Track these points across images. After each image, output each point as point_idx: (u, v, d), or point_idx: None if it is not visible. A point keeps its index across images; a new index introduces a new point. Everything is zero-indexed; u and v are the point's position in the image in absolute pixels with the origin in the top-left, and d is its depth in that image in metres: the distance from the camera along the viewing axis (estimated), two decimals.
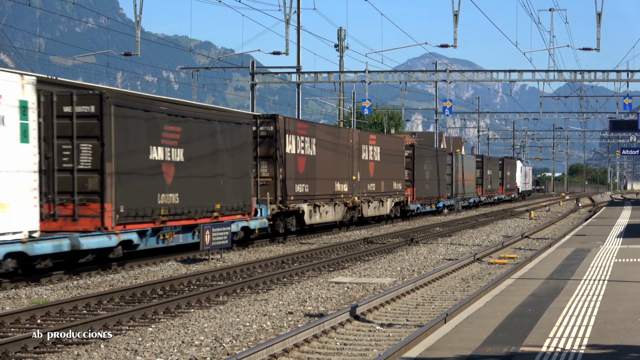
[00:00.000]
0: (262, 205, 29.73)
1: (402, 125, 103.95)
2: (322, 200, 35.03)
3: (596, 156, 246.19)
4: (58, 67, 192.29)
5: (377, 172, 42.06)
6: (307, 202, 33.58)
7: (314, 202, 34.34)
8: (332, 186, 36.42)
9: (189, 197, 24.63)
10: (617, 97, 59.20)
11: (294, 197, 32.37)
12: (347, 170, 38.24)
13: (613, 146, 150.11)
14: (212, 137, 26.00)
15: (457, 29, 35.22)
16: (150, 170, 22.81)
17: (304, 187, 33.32)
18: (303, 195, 33.24)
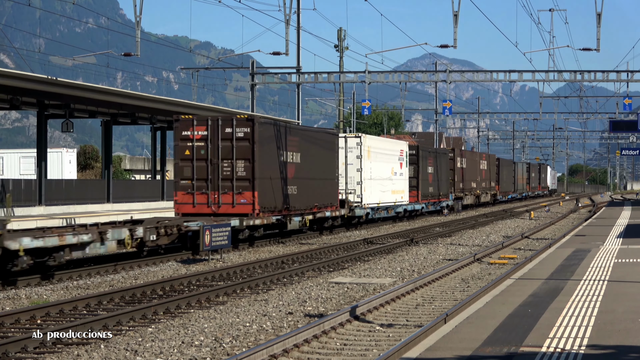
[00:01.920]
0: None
1: (402, 126, 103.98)
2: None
3: (596, 156, 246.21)
4: (58, 68, 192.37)
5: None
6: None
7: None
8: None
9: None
10: (617, 97, 59.21)
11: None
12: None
13: (613, 146, 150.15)
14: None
15: (457, 29, 35.21)
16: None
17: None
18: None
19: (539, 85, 50.64)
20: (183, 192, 29.52)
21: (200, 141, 29.23)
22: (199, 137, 29.21)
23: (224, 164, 29.19)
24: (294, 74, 47.22)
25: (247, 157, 29.03)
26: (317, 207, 34.55)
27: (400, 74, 50.83)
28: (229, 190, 29.21)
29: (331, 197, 36.18)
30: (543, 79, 47.95)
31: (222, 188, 29.19)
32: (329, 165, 36.05)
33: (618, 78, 47.45)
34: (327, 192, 35.78)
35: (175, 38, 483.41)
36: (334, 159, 36.66)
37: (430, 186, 52.57)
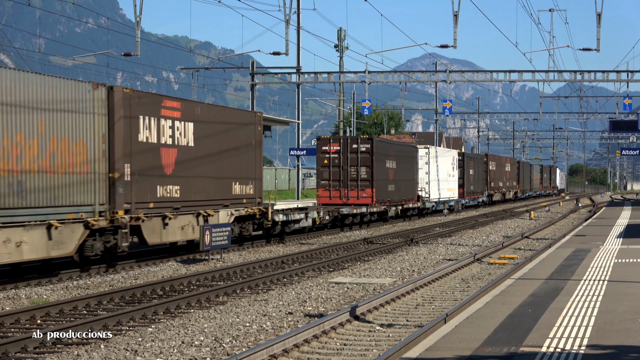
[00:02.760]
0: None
1: (402, 126, 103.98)
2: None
3: (596, 156, 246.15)
4: (58, 68, 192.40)
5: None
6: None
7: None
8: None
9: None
10: (617, 97, 59.20)
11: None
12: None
13: (613, 146, 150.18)
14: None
15: (457, 29, 35.21)
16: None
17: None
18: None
19: (539, 85, 50.66)
20: (322, 189, 41.53)
21: (335, 153, 41.45)
22: (334, 150, 41.45)
23: (351, 169, 41.43)
24: (294, 74, 47.22)
25: (368, 164, 41.49)
26: (404, 200, 46.98)
27: (400, 74, 50.83)
28: (354, 187, 41.44)
29: (412, 193, 48.89)
30: (543, 79, 47.95)
31: (350, 186, 41.40)
32: (411, 169, 48.69)
33: (618, 78, 47.45)
34: (410, 190, 48.37)
35: (175, 38, 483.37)
36: (414, 165, 49.58)
37: (472, 185, 65.19)
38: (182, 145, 25.11)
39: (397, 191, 45.52)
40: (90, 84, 21.26)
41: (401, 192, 46.27)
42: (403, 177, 46.71)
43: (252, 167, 29.92)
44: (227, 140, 28.06)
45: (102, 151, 21.49)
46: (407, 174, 47.78)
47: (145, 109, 23.28)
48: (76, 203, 20.46)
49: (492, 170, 73.87)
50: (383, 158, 43.10)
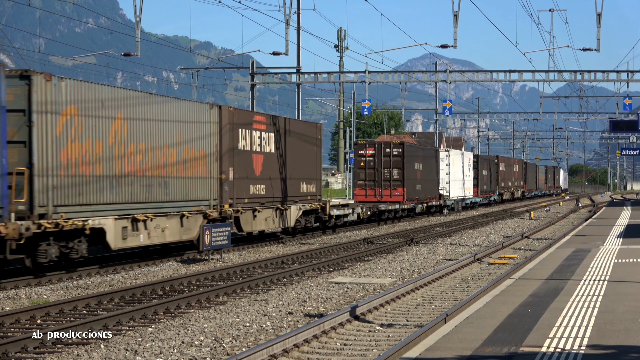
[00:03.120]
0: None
1: (402, 126, 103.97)
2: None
3: (596, 156, 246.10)
4: (58, 68, 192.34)
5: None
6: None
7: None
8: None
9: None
10: (617, 97, 59.14)
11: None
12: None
13: (613, 146, 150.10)
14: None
15: (457, 29, 35.18)
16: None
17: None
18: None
19: (539, 85, 50.59)
20: (359, 188, 47.31)
21: (370, 157, 47.37)
22: (369, 154, 47.41)
23: (385, 171, 47.30)
24: (294, 74, 47.20)
25: (399, 167, 47.32)
26: (429, 199, 52.75)
27: (400, 74, 50.80)
28: (388, 187, 47.24)
29: (435, 192, 54.84)
30: (543, 79, 47.91)
31: (383, 185, 47.27)
32: (434, 171, 54.76)
33: (618, 78, 47.42)
34: (433, 189, 54.28)
35: (175, 38, 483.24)
36: (436, 166, 55.61)
37: (485, 184, 71.80)
38: (267, 152, 31.17)
39: (423, 190, 51.70)
40: (207, 105, 27.16)
41: (426, 191, 52.41)
42: (428, 178, 52.83)
43: (314, 169, 36.13)
44: (297, 147, 33.94)
45: (215, 157, 27.17)
46: (431, 175, 53.77)
47: (242, 123, 29.17)
48: (199, 198, 26.13)
49: (502, 171, 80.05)
50: (412, 161, 49.15)
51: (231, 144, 28.02)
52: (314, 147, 36.08)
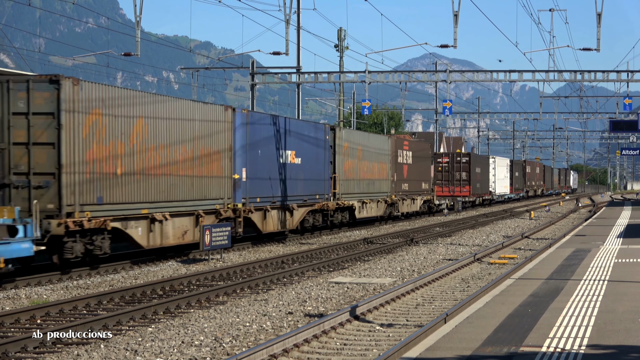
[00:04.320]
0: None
1: (402, 126, 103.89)
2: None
3: (596, 156, 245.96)
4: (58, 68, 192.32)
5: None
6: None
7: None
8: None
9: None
10: (617, 97, 59.13)
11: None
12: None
13: (613, 146, 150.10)
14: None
15: (457, 29, 35.17)
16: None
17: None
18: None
19: (539, 85, 50.58)
20: (437, 186, 59.91)
21: (445, 163, 64.59)
22: (445, 162, 64.75)
23: (456, 173, 64.26)
24: (294, 73, 47.18)
25: (467, 170, 64.26)
26: (484, 194, 71.14)
27: (400, 73, 50.79)
28: (458, 185, 64.41)
29: (487, 189, 72.87)
30: (543, 79, 47.90)
31: (455, 184, 64.30)
32: (487, 173, 73.25)
33: (618, 78, 47.41)
34: (485, 186, 72.33)
35: (175, 38, 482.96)
36: (489, 169, 74.59)
37: (516, 184, 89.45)
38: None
39: (481, 187, 70.11)
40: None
41: (482, 188, 70.84)
42: (483, 178, 71.53)
43: (428, 173, 54.40)
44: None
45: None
46: (485, 176, 72.36)
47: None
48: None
49: (528, 173, 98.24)
50: (474, 166, 66.78)
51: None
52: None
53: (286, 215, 32.66)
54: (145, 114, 23.44)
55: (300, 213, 34.06)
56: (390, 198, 45.13)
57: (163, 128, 24.31)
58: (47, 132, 20.33)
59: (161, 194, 24.17)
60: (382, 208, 44.13)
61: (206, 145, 26.62)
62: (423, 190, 52.52)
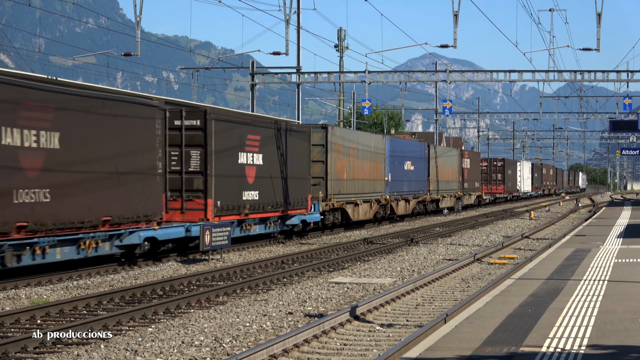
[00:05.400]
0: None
1: (402, 126, 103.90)
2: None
3: (596, 156, 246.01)
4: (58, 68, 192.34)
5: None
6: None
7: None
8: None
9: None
10: (617, 97, 59.16)
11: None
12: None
13: (613, 146, 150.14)
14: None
15: (457, 29, 35.19)
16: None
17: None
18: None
19: (539, 85, 50.62)
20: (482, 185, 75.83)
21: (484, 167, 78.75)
22: (484, 165, 79.17)
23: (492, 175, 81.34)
24: (294, 73, 47.18)
25: (501, 172, 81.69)
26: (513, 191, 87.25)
27: (400, 74, 50.80)
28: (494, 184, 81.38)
29: (515, 187, 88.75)
30: (543, 79, 47.92)
31: (491, 183, 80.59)
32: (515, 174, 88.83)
33: (618, 78, 47.43)
34: (514, 185, 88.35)
35: (175, 38, 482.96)
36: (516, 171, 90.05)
37: (536, 183, 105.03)
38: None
39: (511, 186, 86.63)
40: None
41: (512, 187, 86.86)
42: (512, 179, 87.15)
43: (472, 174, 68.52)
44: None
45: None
46: (514, 177, 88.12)
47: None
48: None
49: (544, 174, 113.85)
50: (507, 169, 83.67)
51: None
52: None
53: (409, 203, 49.97)
54: (355, 143, 40.22)
55: (413, 202, 51.14)
56: (457, 194, 62.48)
57: (360, 151, 41.03)
58: (320, 155, 36.45)
59: (358, 189, 40.61)
60: (454, 201, 61.38)
61: (374, 160, 43.49)
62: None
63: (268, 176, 30.26)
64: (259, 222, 30.30)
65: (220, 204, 26.65)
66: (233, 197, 27.70)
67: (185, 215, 25.89)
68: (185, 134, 25.97)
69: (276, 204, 30.98)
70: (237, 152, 28.03)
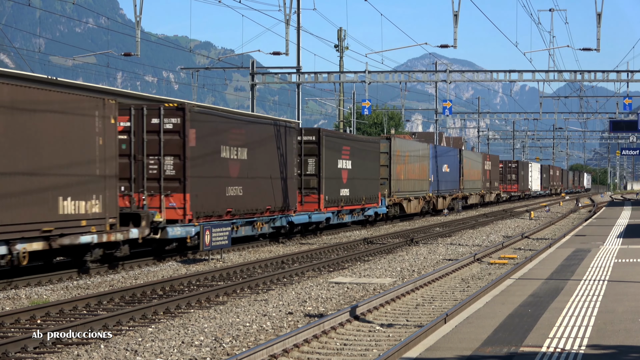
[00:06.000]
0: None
1: (402, 126, 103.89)
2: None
3: (596, 156, 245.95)
4: (58, 68, 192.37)
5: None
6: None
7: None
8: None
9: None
10: (617, 97, 59.19)
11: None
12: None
13: (613, 146, 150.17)
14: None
15: (457, 29, 35.20)
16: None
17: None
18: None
19: (539, 85, 50.67)
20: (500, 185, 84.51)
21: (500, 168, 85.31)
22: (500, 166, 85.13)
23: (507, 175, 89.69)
24: (294, 74, 47.20)
25: (515, 173, 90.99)
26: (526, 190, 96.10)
27: (400, 74, 50.82)
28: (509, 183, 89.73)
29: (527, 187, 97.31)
30: (543, 79, 47.95)
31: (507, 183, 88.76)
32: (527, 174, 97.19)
33: (618, 78, 47.44)
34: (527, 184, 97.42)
35: (175, 38, 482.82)
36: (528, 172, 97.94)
37: (544, 183, 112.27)
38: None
39: (524, 185, 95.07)
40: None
41: (525, 186, 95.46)
42: (525, 179, 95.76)
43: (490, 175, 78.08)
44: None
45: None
46: (526, 177, 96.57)
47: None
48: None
49: (551, 175, 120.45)
50: (520, 170, 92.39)
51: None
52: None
53: (445, 199, 58.30)
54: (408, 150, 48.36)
55: (449, 199, 59.56)
56: (481, 192, 71.61)
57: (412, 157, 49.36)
58: (385, 160, 44.41)
59: (411, 188, 49.04)
60: (478, 198, 70.94)
61: (421, 163, 51.37)
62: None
63: (355, 177, 39.11)
64: (349, 212, 39.10)
65: (327, 198, 35.68)
66: (334, 194, 36.72)
67: (303, 207, 34.28)
68: (304, 147, 34.81)
69: (359, 199, 39.75)
70: (337, 160, 37.27)
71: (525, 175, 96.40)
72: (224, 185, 26.74)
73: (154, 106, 25.14)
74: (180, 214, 24.65)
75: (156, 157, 24.77)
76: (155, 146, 24.75)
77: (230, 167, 27.15)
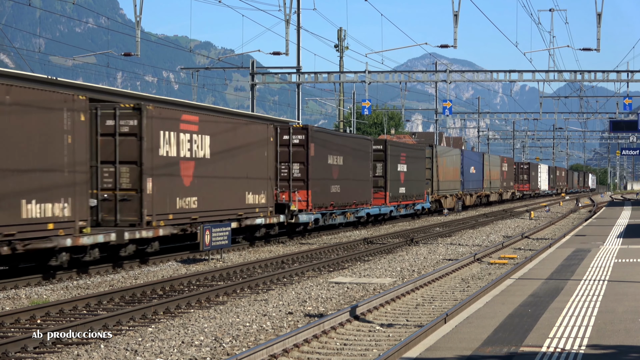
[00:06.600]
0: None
1: (402, 126, 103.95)
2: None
3: (596, 156, 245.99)
4: (58, 68, 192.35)
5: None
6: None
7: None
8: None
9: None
10: (617, 97, 59.21)
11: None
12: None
13: (613, 146, 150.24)
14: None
15: (457, 29, 35.22)
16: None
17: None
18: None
19: (539, 85, 50.69)
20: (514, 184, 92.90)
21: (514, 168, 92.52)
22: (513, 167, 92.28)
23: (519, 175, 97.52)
24: (294, 73, 47.20)
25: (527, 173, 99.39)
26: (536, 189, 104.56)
27: (400, 74, 50.83)
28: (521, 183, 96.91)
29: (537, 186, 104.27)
30: (543, 79, 47.96)
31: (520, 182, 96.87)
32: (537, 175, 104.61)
33: (618, 78, 47.45)
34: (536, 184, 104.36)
35: (175, 38, 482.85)
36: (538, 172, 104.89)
37: (551, 183, 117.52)
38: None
39: (534, 185, 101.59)
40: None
41: (535, 185, 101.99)
42: (535, 179, 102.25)
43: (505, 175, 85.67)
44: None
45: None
46: (536, 177, 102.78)
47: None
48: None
49: (558, 175, 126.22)
50: (531, 170, 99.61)
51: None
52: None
53: (472, 197, 65.90)
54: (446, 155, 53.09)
55: (474, 197, 67.49)
56: (499, 191, 79.17)
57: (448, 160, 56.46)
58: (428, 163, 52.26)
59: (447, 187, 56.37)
60: (497, 196, 77.98)
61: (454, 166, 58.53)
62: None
63: (409, 179, 47.37)
64: (404, 207, 47.48)
65: (390, 195, 44.15)
66: (395, 191, 45.16)
67: (373, 202, 41.60)
68: (373, 154, 42.05)
69: (412, 196, 48.05)
70: (397, 164, 45.46)
71: (535, 175, 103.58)
72: (329, 184, 35.55)
73: (285, 126, 33.62)
74: (304, 205, 33.12)
75: (286, 163, 32.98)
76: (286, 155, 32.89)
77: (333, 170, 35.94)
